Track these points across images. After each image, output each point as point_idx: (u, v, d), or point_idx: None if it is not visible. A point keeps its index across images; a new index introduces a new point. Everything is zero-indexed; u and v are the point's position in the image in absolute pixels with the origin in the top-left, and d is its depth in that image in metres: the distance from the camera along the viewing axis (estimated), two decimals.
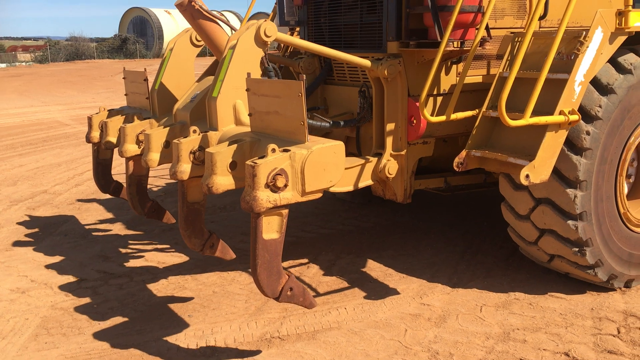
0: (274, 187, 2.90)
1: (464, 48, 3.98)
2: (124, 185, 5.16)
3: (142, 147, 4.36)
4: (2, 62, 42.66)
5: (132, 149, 4.40)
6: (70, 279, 4.63)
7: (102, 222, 6.08)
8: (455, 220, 5.72)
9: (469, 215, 5.84)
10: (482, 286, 4.24)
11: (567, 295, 4.05)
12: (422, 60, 4.20)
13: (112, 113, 4.99)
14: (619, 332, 3.56)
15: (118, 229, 5.85)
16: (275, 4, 5.79)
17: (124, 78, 5.22)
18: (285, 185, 2.93)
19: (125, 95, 5.21)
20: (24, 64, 42.93)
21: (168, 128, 4.15)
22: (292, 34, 5.96)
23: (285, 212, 3.00)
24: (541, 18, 4.33)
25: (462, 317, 3.81)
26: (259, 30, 3.67)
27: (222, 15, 4.44)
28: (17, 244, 5.48)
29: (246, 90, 3.44)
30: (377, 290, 4.25)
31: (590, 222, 3.81)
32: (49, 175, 8.27)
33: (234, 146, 3.23)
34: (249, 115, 3.48)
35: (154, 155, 4.07)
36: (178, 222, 3.87)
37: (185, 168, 3.52)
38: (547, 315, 3.79)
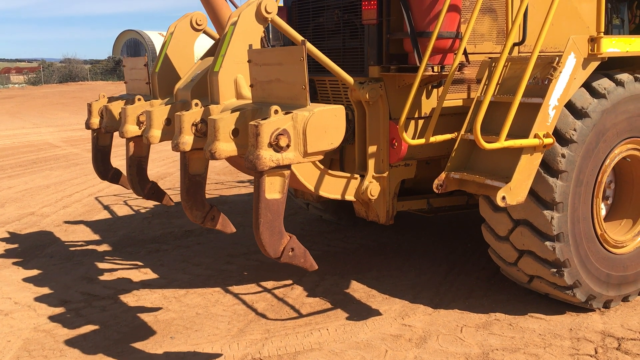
0: (276, 147, 2.95)
1: (443, 73, 4.07)
2: (123, 173, 5.17)
3: (142, 128, 4.37)
4: None
5: (132, 129, 4.42)
6: (53, 301, 4.63)
7: (88, 243, 6.09)
8: (440, 241, 5.77)
9: (453, 236, 5.89)
10: (463, 307, 4.28)
11: (547, 316, 4.09)
12: (403, 84, 4.29)
13: (111, 99, 4.99)
14: (596, 353, 3.60)
15: (104, 250, 5.86)
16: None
17: (123, 66, 5.24)
18: (288, 146, 2.98)
19: (125, 82, 5.24)
20: (17, 85, 43.00)
21: (170, 106, 4.18)
22: None
23: (287, 172, 3.04)
24: (519, 44, 4.44)
25: (442, 338, 3.84)
26: (259, 6, 3.76)
27: None
28: (1, 265, 5.48)
29: (248, 61, 3.51)
30: (360, 311, 4.28)
31: (567, 243, 3.87)
32: (37, 197, 8.28)
33: (237, 113, 3.28)
34: (250, 86, 3.54)
35: (156, 132, 4.09)
36: (180, 195, 3.89)
37: (187, 140, 3.57)
38: (527, 336, 3.83)
